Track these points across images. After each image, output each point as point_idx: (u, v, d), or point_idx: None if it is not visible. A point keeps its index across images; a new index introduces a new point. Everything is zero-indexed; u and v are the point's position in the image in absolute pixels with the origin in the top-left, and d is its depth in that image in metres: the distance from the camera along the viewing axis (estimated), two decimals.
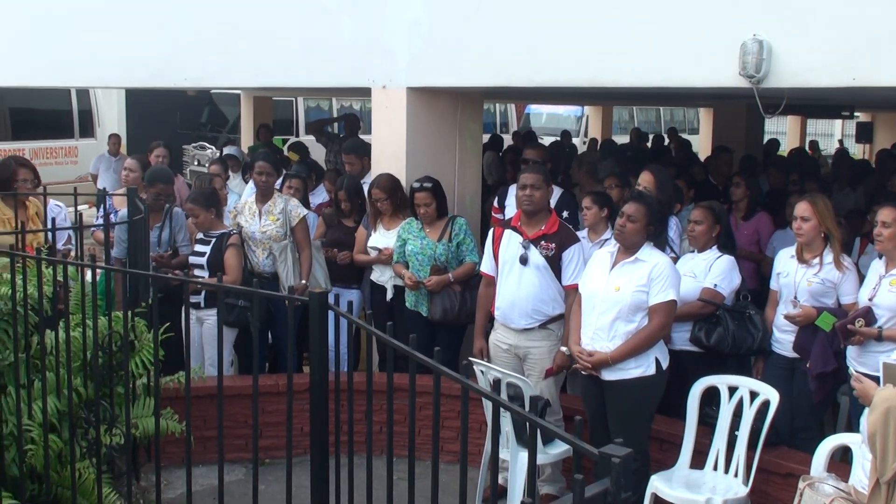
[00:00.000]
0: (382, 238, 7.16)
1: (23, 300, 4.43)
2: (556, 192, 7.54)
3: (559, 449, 5.70)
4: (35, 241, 6.02)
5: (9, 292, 4.48)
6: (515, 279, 5.89)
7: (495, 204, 8.06)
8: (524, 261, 5.85)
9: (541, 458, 5.55)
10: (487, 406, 5.66)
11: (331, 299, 3.47)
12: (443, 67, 7.13)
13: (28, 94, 14.25)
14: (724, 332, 5.86)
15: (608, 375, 5.35)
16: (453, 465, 6.14)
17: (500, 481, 6.12)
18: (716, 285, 5.98)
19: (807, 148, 19.66)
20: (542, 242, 5.87)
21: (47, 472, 4.48)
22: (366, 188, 7.65)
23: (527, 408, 2.52)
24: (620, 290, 5.28)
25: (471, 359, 5.70)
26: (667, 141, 17.48)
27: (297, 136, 19.20)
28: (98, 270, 6.19)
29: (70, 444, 4.45)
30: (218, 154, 14.32)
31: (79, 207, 7.05)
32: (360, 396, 3.67)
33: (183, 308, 6.78)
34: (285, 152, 12.48)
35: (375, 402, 5.04)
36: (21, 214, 6.34)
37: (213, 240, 6.90)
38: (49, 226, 5.80)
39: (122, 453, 4.77)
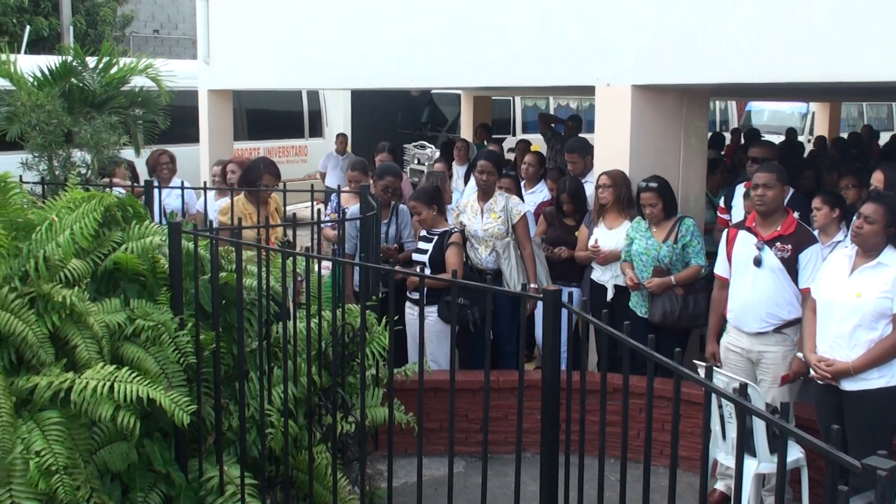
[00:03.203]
0: (603, 236, 7.10)
1: (265, 291, 4.68)
2: (788, 193, 7.23)
3: (789, 458, 5.48)
4: (274, 235, 6.36)
5: (254, 283, 4.75)
6: (749, 281, 5.72)
7: (722, 204, 7.84)
8: (758, 262, 5.67)
9: (768, 467, 5.37)
10: (715, 411, 5.50)
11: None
12: (669, 64, 6.99)
13: (263, 96, 15.05)
14: None
15: (848, 385, 5.09)
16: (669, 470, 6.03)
17: (722, 488, 5.97)
18: None
19: None
20: (778, 244, 5.67)
21: (286, 455, 4.71)
22: (587, 187, 7.62)
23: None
24: (862, 297, 5.01)
25: (695, 361, 5.59)
26: None
27: (515, 135, 19.36)
28: (330, 265, 6.47)
29: (308, 429, 4.66)
30: (438, 153, 14.62)
31: (308, 205, 7.35)
32: (590, 396, 3.65)
33: (407, 303, 7.06)
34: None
35: (597, 402, 5.03)
36: (262, 211, 6.73)
37: (435, 237, 7.03)
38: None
39: (354, 440, 4.96)
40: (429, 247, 7.00)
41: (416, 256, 7.11)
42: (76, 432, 4.29)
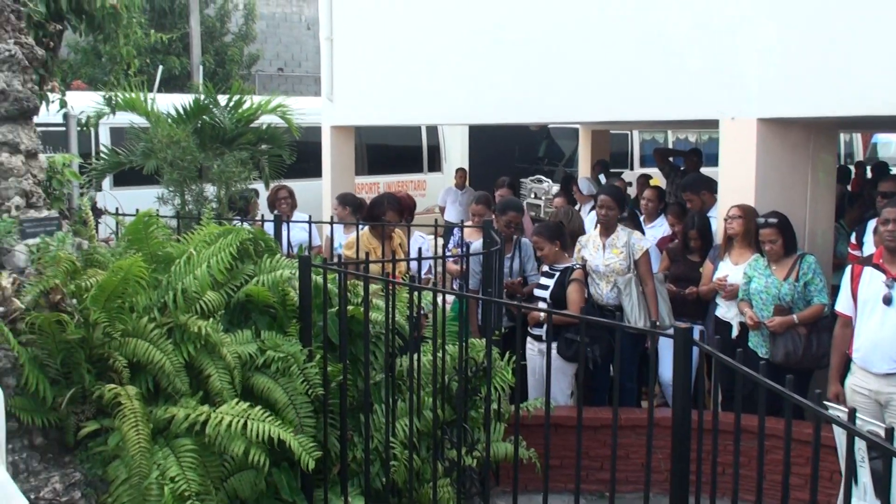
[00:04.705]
0: (729, 271, 6.97)
1: (391, 324, 4.75)
2: None
3: None
4: (398, 269, 6.45)
5: (381, 317, 4.83)
6: (878, 320, 5.52)
7: (853, 240, 7.62)
8: (888, 301, 5.47)
9: None
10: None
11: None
12: (796, 97, 6.85)
13: (383, 131, 15.31)
14: None
15: None
16: None
17: None
18: None
19: None
20: None
21: (409, 488, 4.75)
22: (713, 222, 7.51)
23: None
24: None
25: (826, 402, 5.42)
26: None
27: (632, 169, 19.19)
28: (452, 298, 6.53)
29: (432, 462, 4.69)
30: (558, 187, 14.58)
31: (429, 238, 7.41)
32: (708, 436, 3.58)
33: (528, 339, 7.04)
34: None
35: (724, 443, 4.92)
36: (387, 245, 6.84)
37: (557, 273, 6.99)
38: (415, 256, 6.18)
39: (477, 475, 4.97)
40: (550, 283, 6.96)
41: (537, 292, 7.08)
42: (208, 460, 4.43)
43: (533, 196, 17.97)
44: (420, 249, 5.87)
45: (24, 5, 5.81)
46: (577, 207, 11.07)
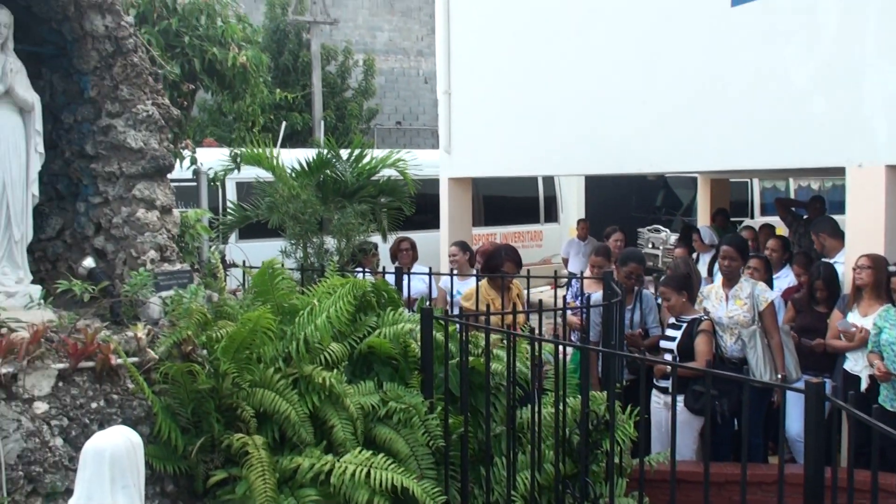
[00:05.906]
0: (857, 322, 6.75)
1: (512, 376, 4.75)
2: None
3: None
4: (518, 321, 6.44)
5: (502, 369, 4.84)
6: None
7: None
8: None
9: None
10: None
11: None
12: None
13: (500, 182, 15.40)
14: None
15: None
16: None
17: None
18: None
19: None
20: None
21: None
22: (838, 268, 7.31)
23: None
24: None
25: None
26: None
27: (753, 217, 18.81)
28: (571, 350, 6.50)
29: None
30: (675, 237, 14.38)
31: (543, 289, 7.37)
32: (842, 494, 3.45)
33: (654, 391, 6.92)
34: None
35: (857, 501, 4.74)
36: (505, 297, 6.83)
37: (684, 325, 6.87)
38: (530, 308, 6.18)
39: None
40: (677, 334, 6.84)
41: (663, 344, 6.96)
42: None
43: (650, 246, 17.77)
44: (540, 301, 5.86)
45: (160, 67, 6.10)
46: (694, 256, 10.93)
